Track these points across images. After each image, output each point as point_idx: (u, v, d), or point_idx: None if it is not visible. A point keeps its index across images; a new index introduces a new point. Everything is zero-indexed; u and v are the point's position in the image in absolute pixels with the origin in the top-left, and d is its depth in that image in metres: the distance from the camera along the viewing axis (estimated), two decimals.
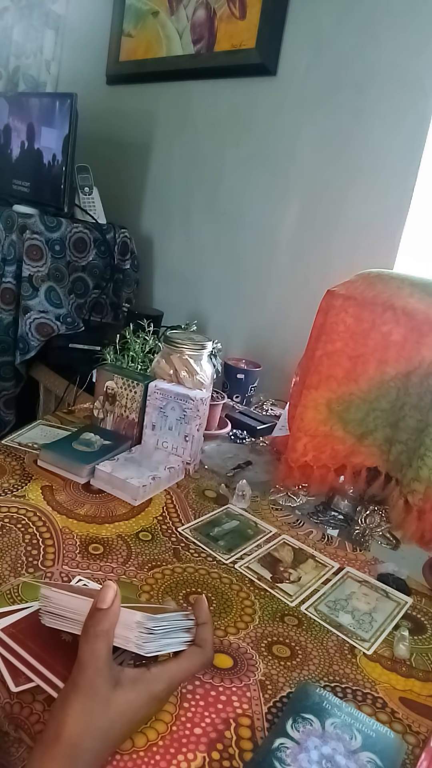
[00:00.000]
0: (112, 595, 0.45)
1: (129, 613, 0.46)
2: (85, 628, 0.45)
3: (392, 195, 1.18)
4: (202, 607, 0.53)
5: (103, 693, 0.43)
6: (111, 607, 0.45)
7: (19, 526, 0.72)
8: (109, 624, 0.45)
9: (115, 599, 0.45)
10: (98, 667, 0.43)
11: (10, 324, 1.55)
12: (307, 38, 1.31)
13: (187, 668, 0.49)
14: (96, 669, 0.43)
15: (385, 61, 1.17)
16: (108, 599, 0.45)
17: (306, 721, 0.49)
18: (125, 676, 0.45)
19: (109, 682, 0.44)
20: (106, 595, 0.45)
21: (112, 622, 0.45)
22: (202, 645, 0.50)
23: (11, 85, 2.16)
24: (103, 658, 0.44)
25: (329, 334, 0.80)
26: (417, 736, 0.52)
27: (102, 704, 0.43)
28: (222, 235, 1.58)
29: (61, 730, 0.41)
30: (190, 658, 0.49)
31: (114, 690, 0.44)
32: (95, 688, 0.43)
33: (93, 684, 0.43)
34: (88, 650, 0.44)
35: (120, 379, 0.96)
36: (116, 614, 0.45)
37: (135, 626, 0.46)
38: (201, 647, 0.50)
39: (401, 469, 0.77)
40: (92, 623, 0.44)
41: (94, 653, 0.44)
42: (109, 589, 0.46)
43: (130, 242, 1.75)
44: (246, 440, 1.09)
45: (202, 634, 0.51)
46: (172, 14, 1.64)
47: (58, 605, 0.50)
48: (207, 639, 0.51)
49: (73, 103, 1.51)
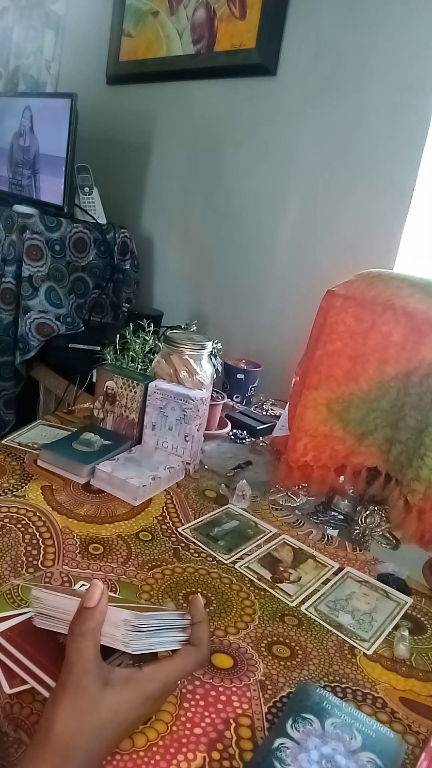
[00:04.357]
0: (98, 594, 0.45)
1: (116, 611, 0.46)
2: (71, 627, 0.45)
3: (392, 195, 1.18)
4: (198, 606, 0.53)
5: (92, 692, 0.43)
6: (97, 605, 0.45)
7: (19, 526, 0.72)
8: (95, 622, 0.44)
9: (101, 598, 0.45)
10: (85, 666, 0.43)
11: (10, 324, 1.55)
12: (307, 38, 1.31)
13: (181, 667, 0.49)
14: (83, 668, 0.43)
15: (385, 61, 1.17)
16: (94, 598, 0.45)
17: (306, 721, 0.49)
18: (115, 675, 0.45)
19: (98, 680, 0.43)
20: (93, 594, 0.45)
21: (99, 620, 0.45)
22: (198, 644, 0.50)
23: (11, 85, 2.16)
24: (90, 656, 0.43)
25: (329, 334, 0.80)
26: (417, 736, 0.52)
27: (91, 703, 0.42)
28: (222, 235, 1.58)
29: (51, 730, 0.41)
30: (184, 657, 0.49)
31: (104, 689, 0.43)
32: (83, 687, 0.43)
33: (81, 683, 0.43)
34: (74, 649, 0.44)
35: (120, 379, 0.96)
36: (103, 613, 0.45)
37: (122, 624, 0.46)
38: (196, 646, 0.50)
39: (401, 469, 0.77)
40: (78, 622, 0.44)
41: (80, 652, 0.43)
42: (95, 588, 0.46)
43: (130, 242, 1.75)
44: (246, 440, 1.09)
45: (197, 633, 0.51)
46: (172, 14, 1.64)
47: (49, 606, 0.49)
48: (202, 638, 0.51)
49: (73, 103, 1.51)
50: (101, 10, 1.89)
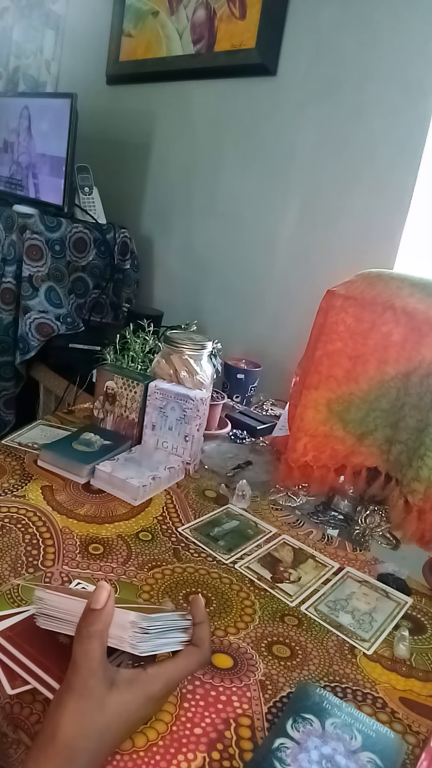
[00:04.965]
0: (105, 596, 0.45)
1: (123, 613, 0.46)
2: (78, 629, 0.45)
3: (392, 195, 1.18)
4: (199, 606, 0.53)
5: (98, 693, 0.43)
6: (104, 607, 0.45)
7: (19, 526, 0.72)
8: (102, 624, 0.44)
9: (108, 600, 0.45)
10: (92, 668, 0.43)
11: (10, 324, 1.55)
12: (307, 38, 1.31)
13: (184, 668, 0.49)
14: (90, 670, 0.43)
15: (385, 60, 1.17)
16: (101, 600, 0.45)
17: (306, 721, 0.49)
18: (120, 676, 0.45)
19: (104, 682, 0.43)
20: (100, 596, 0.45)
21: (106, 622, 0.45)
22: (199, 644, 0.50)
23: (11, 85, 2.16)
24: (97, 658, 0.43)
25: (329, 334, 0.80)
26: (417, 736, 0.52)
27: (97, 705, 0.43)
28: (222, 235, 1.58)
29: (57, 732, 0.41)
30: (187, 657, 0.49)
31: (109, 691, 0.43)
32: (90, 689, 0.43)
33: (87, 685, 0.43)
34: (81, 651, 0.44)
35: (120, 379, 0.96)
36: (110, 615, 0.45)
37: (129, 626, 0.46)
38: (198, 646, 0.50)
39: (401, 469, 0.77)
40: (85, 624, 0.44)
41: (87, 654, 0.43)
42: (102, 590, 0.45)
43: (130, 242, 1.75)
44: (246, 440, 1.09)
45: (199, 633, 0.51)
46: (172, 14, 1.64)
47: (53, 607, 0.49)
48: (204, 638, 0.51)
49: (73, 103, 1.51)
50: (101, 10, 1.89)
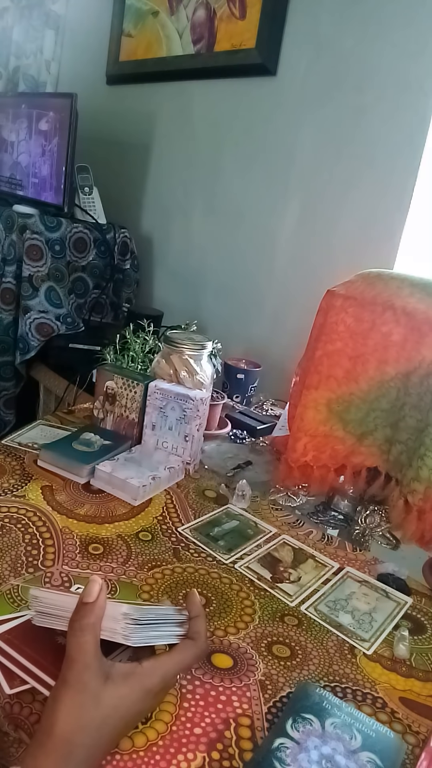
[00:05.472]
0: (97, 589, 0.45)
1: (115, 606, 0.46)
2: (71, 622, 0.45)
3: (392, 195, 1.18)
4: (194, 600, 0.53)
5: (93, 687, 0.43)
6: (96, 600, 0.45)
7: (19, 526, 0.72)
8: (95, 617, 0.44)
9: (100, 593, 0.45)
10: (86, 662, 0.43)
11: (10, 324, 1.55)
12: (307, 38, 1.31)
13: (180, 661, 0.49)
14: (84, 663, 0.43)
15: (385, 61, 1.17)
16: (93, 593, 0.45)
17: (306, 721, 0.49)
18: (116, 670, 0.45)
19: (99, 676, 0.43)
20: (92, 589, 0.45)
21: (98, 615, 0.45)
22: (195, 638, 0.51)
23: (11, 85, 2.16)
24: (91, 651, 0.44)
25: (329, 334, 0.80)
26: (417, 736, 0.52)
27: (92, 698, 0.43)
28: (222, 235, 1.58)
29: (53, 727, 0.41)
30: (183, 651, 0.49)
31: (105, 684, 0.43)
32: (84, 683, 0.43)
33: (82, 679, 0.43)
34: (75, 644, 0.44)
35: (120, 379, 0.96)
36: (102, 607, 0.45)
37: (121, 617, 0.46)
38: (194, 640, 0.50)
39: (401, 469, 0.77)
40: (78, 617, 0.44)
41: (81, 647, 0.43)
42: (94, 584, 0.46)
43: (130, 242, 1.75)
44: (246, 440, 1.09)
45: (194, 627, 0.51)
46: (172, 14, 1.64)
47: (48, 604, 0.50)
48: (200, 632, 0.51)
49: (73, 103, 1.51)
50: (101, 10, 1.89)
